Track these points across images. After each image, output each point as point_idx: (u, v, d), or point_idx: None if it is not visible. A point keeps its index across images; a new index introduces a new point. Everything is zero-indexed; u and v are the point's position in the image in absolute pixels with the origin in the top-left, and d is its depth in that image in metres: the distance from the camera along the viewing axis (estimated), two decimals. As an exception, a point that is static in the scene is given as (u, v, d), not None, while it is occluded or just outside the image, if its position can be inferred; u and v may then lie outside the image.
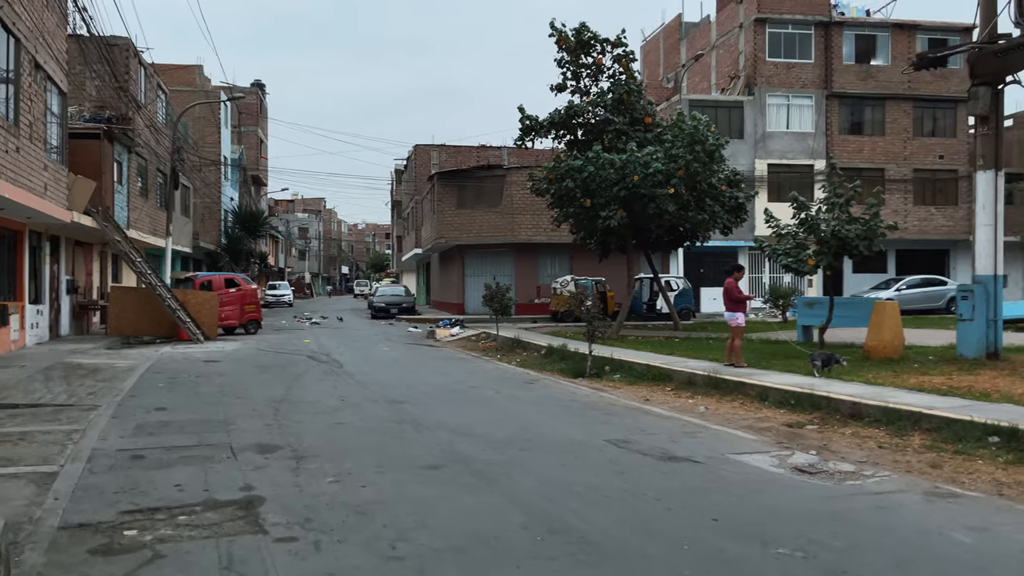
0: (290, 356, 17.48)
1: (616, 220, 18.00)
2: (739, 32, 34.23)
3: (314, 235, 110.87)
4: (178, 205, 32.67)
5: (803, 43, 33.33)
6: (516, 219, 32.12)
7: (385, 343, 21.47)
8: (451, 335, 22.60)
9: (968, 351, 12.72)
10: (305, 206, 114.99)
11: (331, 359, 16.81)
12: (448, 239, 33.05)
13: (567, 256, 33.57)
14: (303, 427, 8.99)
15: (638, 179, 17.45)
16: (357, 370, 14.78)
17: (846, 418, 9.36)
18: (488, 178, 32.86)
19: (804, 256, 14.34)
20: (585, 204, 18.30)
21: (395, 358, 17.23)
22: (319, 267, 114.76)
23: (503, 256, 33.49)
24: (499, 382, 13.25)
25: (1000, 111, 12.82)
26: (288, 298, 53.92)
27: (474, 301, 33.78)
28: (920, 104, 34.11)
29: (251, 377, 13.70)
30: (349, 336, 24.12)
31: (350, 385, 12.73)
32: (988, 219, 12.77)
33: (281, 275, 72.56)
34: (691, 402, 11.05)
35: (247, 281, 25.12)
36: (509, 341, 19.37)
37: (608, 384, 13.02)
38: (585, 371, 14.09)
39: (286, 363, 15.97)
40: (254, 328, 24.59)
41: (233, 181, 47.77)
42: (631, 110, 19.90)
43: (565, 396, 11.64)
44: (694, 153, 17.96)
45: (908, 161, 33.82)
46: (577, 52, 19.86)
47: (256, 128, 57.00)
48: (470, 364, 16.35)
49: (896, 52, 33.68)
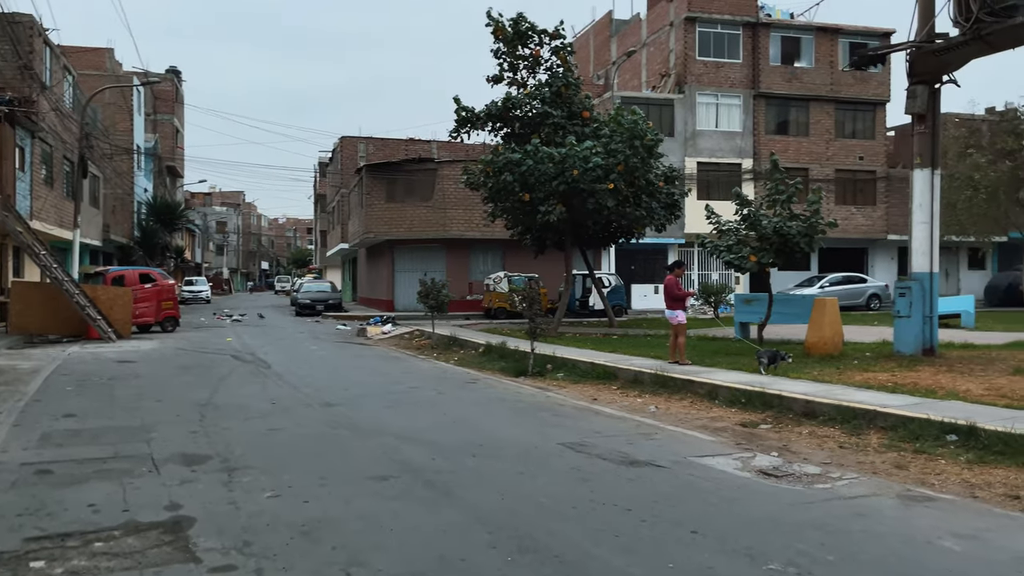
0: (213, 356, 16.48)
1: (555, 215, 17.64)
2: (670, 30, 34.45)
3: (233, 229, 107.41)
4: (87, 195, 30.77)
5: (732, 43, 33.78)
6: (448, 214, 31.50)
7: (313, 341, 20.58)
8: (383, 333, 21.87)
9: (905, 348, 12.86)
10: (223, 199, 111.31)
11: (257, 359, 15.91)
12: (377, 233, 32.17)
13: (500, 252, 33.16)
14: (233, 434, 8.26)
15: (578, 174, 17.13)
16: (286, 370, 13.97)
17: (800, 417, 9.21)
18: (419, 171, 32.12)
19: (746, 253, 14.28)
20: (523, 199, 17.88)
21: (325, 357, 16.45)
22: (238, 262, 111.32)
23: (434, 251, 32.83)
24: (439, 382, 12.70)
25: (937, 110, 12.99)
26: (206, 294, 51.83)
27: (405, 297, 33.05)
28: (842, 106, 35.07)
29: (171, 378, 12.75)
30: (274, 334, 23.09)
31: (280, 387, 11.97)
32: (925, 217, 12.93)
33: (198, 270, 69.86)
34: (640, 401, 10.75)
35: (163, 276, 23.75)
36: (445, 339, 18.80)
37: (552, 383, 12.63)
38: (527, 370, 13.69)
39: (209, 363, 15.01)
40: (171, 326, 23.27)
41: (147, 171, 45.53)
42: (569, 104, 19.61)
43: (510, 396, 11.18)
44: (633, 148, 17.77)
45: (830, 161, 34.72)
46: (514, 43, 19.43)
47: (172, 116, 54.53)
48: (406, 363, 15.73)
49: (819, 55, 34.51)
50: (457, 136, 20.48)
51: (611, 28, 40.86)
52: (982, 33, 11.55)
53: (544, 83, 19.30)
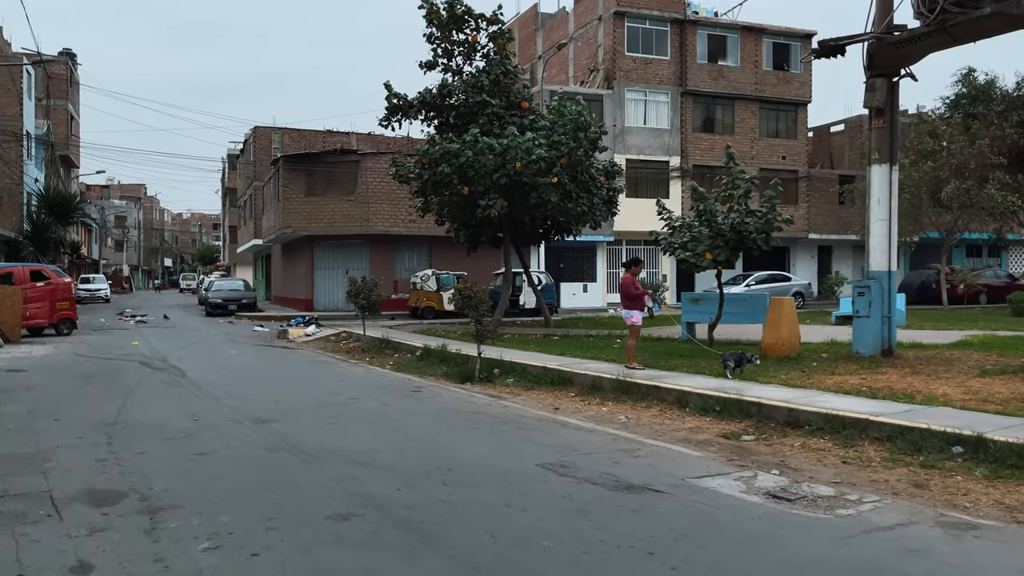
0: (118, 363, 14.80)
1: (497, 209, 16.67)
2: (598, 24, 33.98)
3: (133, 224, 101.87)
4: (-31, 184, 27.90)
5: (660, 39, 33.58)
6: (372, 208, 30.09)
7: (230, 345, 18.98)
8: (307, 335, 20.42)
9: (865, 348, 12.51)
10: (123, 192, 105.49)
11: (170, 365, 14.34)
12: (296, 229, 30.45)
13: (426, 249, 31.98)
14: (151, 461, 6.98)
15: (520, 166, 16.24)
16: (204, 379, 12.54)
17: (783, 426, 8.57)
18: (341, 163, 30.56)
19: (701, 250, 13.69)
20: (462, 192, 16.83)
21: (247, 363, 15.01)
22: (139, 259, 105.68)
23: (357, 248, 31.35)
24: (381, 391, 11.56)
25: (895, 104, 12.70)
26: (105, 293, 48.56)
27: (325, 296, 31.47)
28: (765, 106, 35.40)
29: (70, 391, 11.17)
30: (185, 337, 21.28)
31: (201, 399, 10.60)
32: (883, 214, 12.61)
33: (96, 268, 65.62)
34: (605, 410, 9.93)
35: (58, 274, 21.56)
36: (377, 341, 17.59)
37: (504, 390, 11.69)
38: (474, 375, 12.70)
39: (114, 371, 13.39)
40: (68, 328, 21.14)
41: (38, 160, 42.10)
42: (507, 93, 18.70)
43: (464, 407, 10.18)
44: (577, 140, 17.00)
45: (755, 160, 34.96)
46: (449, 27, 18.38)
47: (66, 102, 50.74)
48: (338, 369, 14.47)
49: (744, 54, 34.72)
50: (388, 125, 19.26)
51: (537, 21, 40.16)
52: (947, 24, 11.23)
53: (482, 70, 18.32)
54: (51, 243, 38.30)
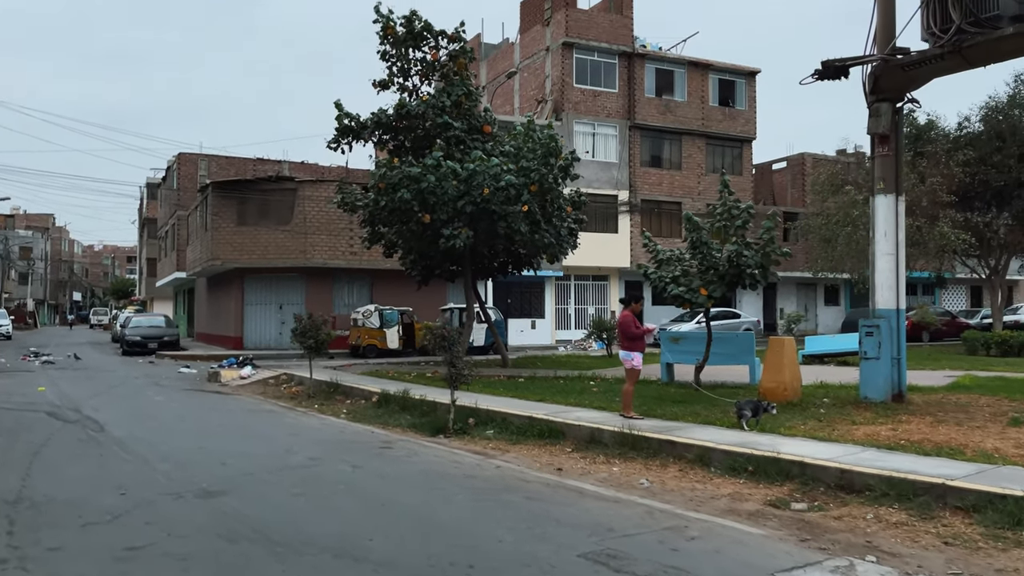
0: (21, 414, 12.60)
1: (462, 239, 15.23)
2: (546, 55, 33.23)
3: (40, 256, 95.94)
4: None
5: (608, 72, 33.03)
6: (310, 239, 28.17)
7: (155, 390, 16.81)
8: (242, 377, 18.38)
9: (874, 393, 11.53)
10: (29, 222, 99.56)
11: (84, 417, 12.26)
12: (225, 260, 28.22)
13: (367, 283, 30.17)
14: (68, 563, 5.22)
15: (488, 192, 14.89)
16: (129, 434, 10.59)
17: (835, 490, 7.37)
18: (276, 191, 28.58)
19: (696, 285, 12.54)
20: (423, 220, 15.32)
21: (180, 413, 13.01)
22: (45, 293, 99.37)
23: (292, 281, 29.29)
24: (345, 448, 9.88)
25: (899, 130, 11.93)
26: (6, 329, 44.63)
27: (256, 334, 29.24)
28: (712, 141, 35.18)
29: (-41, 455, 9.09)
30: (101, 380, 18.92)
31: (127, 462, 8.72)
32: (889, 247, 11.74)
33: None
34: (617, 471, 8.54)
35: (-47, 309, 18.96)
36: (324, 385, 15.79)
37: (488, 445, 10.18)
38: (447, 426, 11.16)
39: (16, 426, 11.26)
40: (-38, 371, 18.55)
41: (-66, 184, 38.49)
42: (468, 116, 17.41)
43: (451, 469, 8.61)
44: (548, 166, 15.79)
45: (702, 196, 34.61)
46: (407, 44, 17.02)
47: (-32, 123, 47.04)
48: (287, 419, 12.65)
49: (691, 88, 34.50)
50: (337, 147, 17.69)
51: (480, 52, 39.22)
52: (962, 46, 10.51)
53: (442, 91, 16.99)
54: (-54, 274, 34.74)
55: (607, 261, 32.88)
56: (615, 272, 34.12)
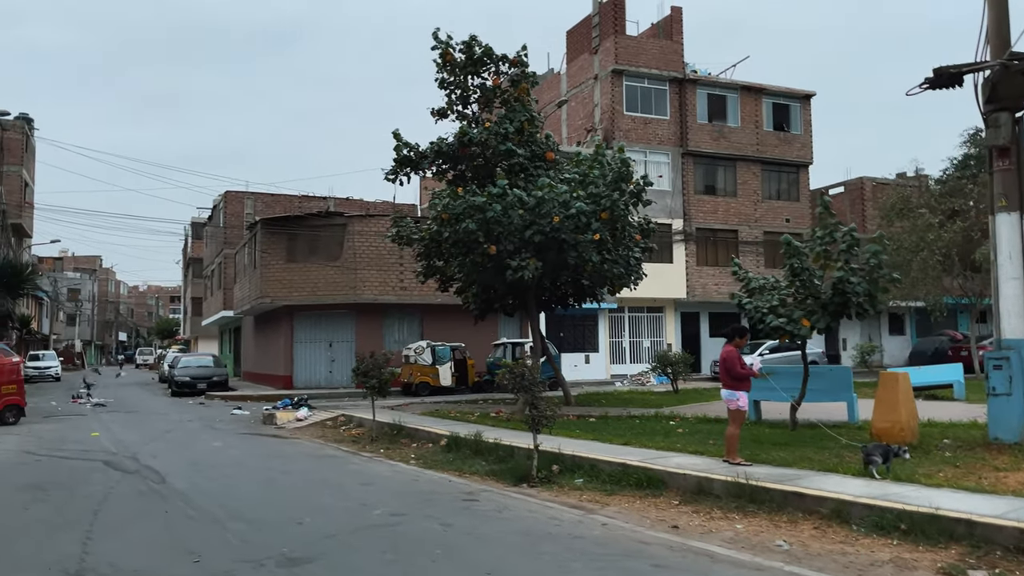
0: (76, 463, 11.94)
1: (531, 271, 14.40)
2: (594, 84, 32.64)
3: (87, 297, 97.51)
4: (-94, 252, 24.87)
5: (659, 99, 32.31)
6: (360, 275, 27.63)
7: (210, 434, 16.12)
8: (298, 419, 17.64)
9: (1007, 434, 10.32)
10: (77, 264, 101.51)
11: (142, 466, 11.55)
12: (274, 298, 27.79)
13: (417, 318, 29.49)
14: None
15: (559, 220, 14.07)
16: (192, 486, 9.82)
17: (1015, 553, 6.28)
18: (325, 227, 28.18)
19: (798, 316, 11.50)
20: (489, 251, 14.54)
21: (240, 460, 12.25)
22: (92, 334, 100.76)
23: (342, 318, 28.73)
24: (425, 502, 8.97)
25: (1022, 142, 10.84)
26: (55, 371, 44.72)
27: (305, 372, 28.66)
28: (767, 167, 34.14)
29: (16, 513, 8.37)
30: (154, 424, 18.33)
31: (194, 521, 7.92)
32: (1015, 271, 10.60)
33: (46, 343, 61.54)
34: (742, 529, 7.51)
35: (5, 352, 18.58)
36: (387, 427, 14.96)
37: (582, 497, 9.20)
38: (531, 474, 10.21)
39: (72, 478, 10.58)
40: (14, 416, 18.05)
41: (-13, 228, 38.98)
42: (531, 143, 16.71)
43: (552, 528, 7.65)
44: (620, 192, 14.95)
45: (759, 223, 33.52)
46: (467, 71, 16.42)
47: (20, 168, 47.85)
48: (354, 466, 11.81)
49: (744, 114, 33.60)
50: (395, 179, 17.11)
51: (524, 83, 38.83)
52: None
53: (504, 117, 16.32)
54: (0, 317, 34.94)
55: (662, 292, 31.79)
56: (670, 303, 33.04)
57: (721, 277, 33.00)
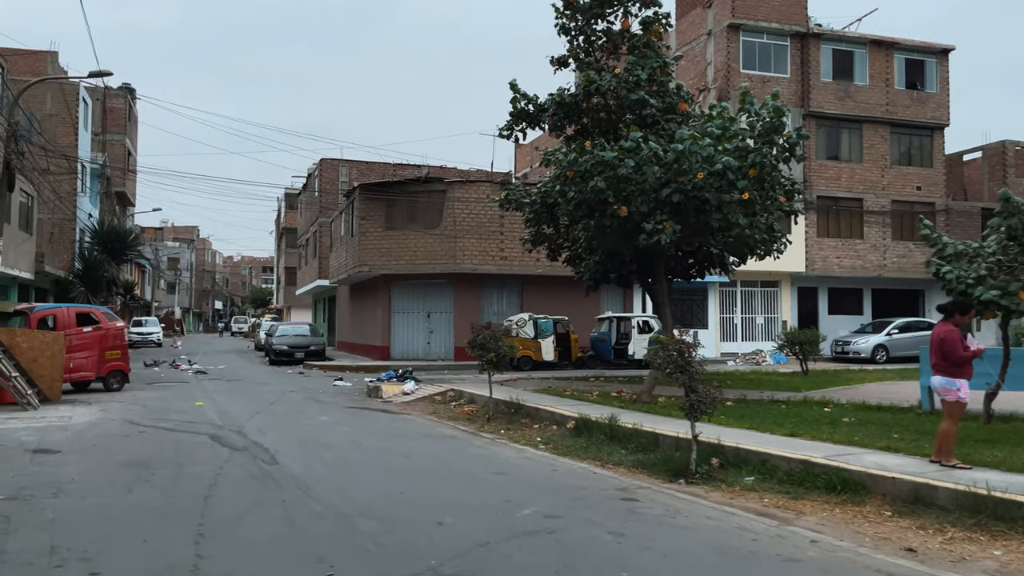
0: (181, 436, 11.11)
1: (668, 235, 12.80)
2: (707, 40, 30.36)
3: (185, 266, 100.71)
4: (15, 216, 25.07)
5: (779, 55, 29.81)
6: (459, 243, 26.50)
7: (315, 406, 15.24)
8: (404, 393, 16.63)
9: None
10: (177, 235, 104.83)
11: (251, 442, 10.61)
12: (372, 267, 26.97)
13: (517, 289, 28.23)
14: None
15: (703, 177, 12.40)
16: (307, 470, 8.74)
17: None
18: (424, 193, 27.12)
19: (1015, 288, 9.56)
20: (620, 213, 12.99)
21: (354, 439, 11.19)
22: (190, 302, 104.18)
23: (440, 288, 27.72)
24: (577, 501, 7.60)
25: None
26: (157, 337, 45.65)
27: (404, 343, 27.83)
28: (897, 130, 31.21)
29: (120, 498, 7.41)
30: (256, 394, 17.64)
31: (318, 516, 6.77)
32: None
33: (148, 310, 63.36)
34: (1005, 558, 5.85)
35: (109, 317, 18.19)
36: (503, 405, 13.71)
37: (762, 500, 7.68)
38: (689, 468, 8.72)
39: (179, 454, 9.68)
40: (118, 383, 17.68)
41: (93, 194, 39.69)
42: (663, 93, 15.02)
43: (748, 544, 6.15)
44: (772, 145, 13.14)
45: (886, 191, 30.75)
46: (592, 12, 14.80)
47: (123, 137, 48.74)
48: (478, 449, 10.56)
49: (873, 71, 30.72)
50: (510, 135, 15.71)
51: (627, 43, 36.71)
52: None
53: (635, 63, 14.65)
54: (103, 282, 35.47)
55: (778, 265, 29.43)
56: (786, 277, 30.75)
57: (843, 249, 30.48)
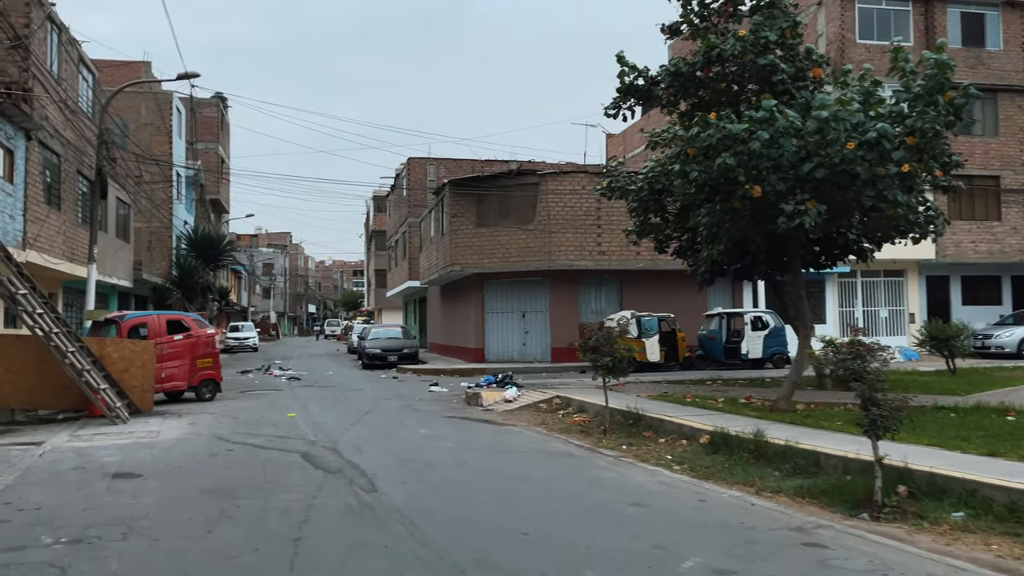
0: (271, 456, 10.07)
1: (812, 217, 11.02)
2: (818, 9, 27.98)
3: (279, 271, 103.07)
4: (111, 225, 25.09)
5: (900, 21, 27.17)
6: (554, 239, 25.08)
7: (413, 417, 14.09)
8: (506, 400, 15.33)
9: None
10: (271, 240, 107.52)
11: (346, 462, 9.46)
12: (464, 266, 25.87)
13: (615, 285, 26.62)
14: None
15: (853, 147, 10.57)
16: (410, 499, 7.48)
17: None
18: (516, 187, 25.82)
19: None
20: (753, 193, 11.28)
21: (459, 457, 9.90)
22: (285, 306, 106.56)
23: (534, 286, 26.38)
24: (748, 547, 6.04)
25: None
26: (253, 341, 46.09)
27: (497, 345, 26.63)
28: (1037, 98, 28.02)
29: (193, 540, 6.29)
30: (350, 403, 16.68)
31: (426, 567, 5.46)
32: None
33: (244, 315, 64.53)
34: None
35: (200, 323, 17.59)
36: (620, 415, 12.20)
37: (996, 548, 5.94)
38: (873, 499, 7.04)
39: (265, 479, 8.59)
40: (210, 392, 17.04)
41: (188, 202, 40.17)
42: (794, 57, 13.21)
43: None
44: (937, 108, 11.17)
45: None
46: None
47: (216, 145, 49.52)
48: (604, 472, 9.08)
49: (1008, 34, 27.67)
50: (617, 113, 14.18)
51: (725, 22, 34.48)
52: None
53: (761, 23, 12.90)
54: (199, 288, 35.71)
55: (904, 252, 26.72)
56: (913, 266, 28.05)
57: (979, 233, 27.56)
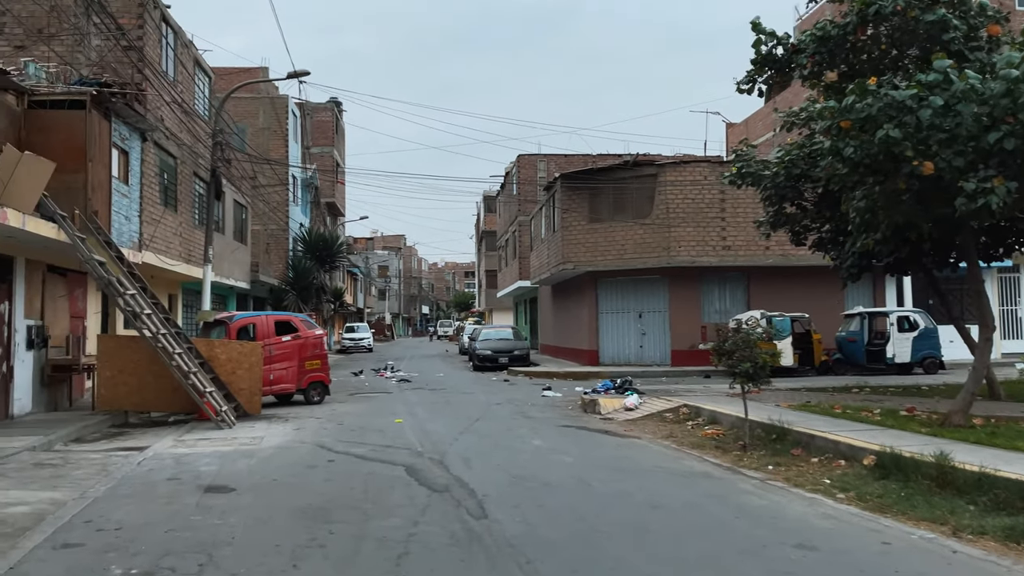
0: (373, 469, 9.23)
1: (1000, 196, 9.23)
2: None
3: (394, 273, 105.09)
4: (229, 227, 25.40)
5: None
6: (673, 233, 23.55)
7: (526, 426, 13.03)
8: (627, 408, 14.05)
9: None
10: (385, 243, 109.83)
11: (453, 479, 8.49)
12: (577, 263, 24.71)
13: (741, 283, 24.79)
14: None
15: (1053, 113, 8.73)
16: (526, 531, 6.39)
17: None
18: (632, 180, 24.44)
19: None
20: (924, 171, 9.58)
21: (578, 475, 8.74)
22: (399, 307, 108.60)
23: (652, 285, 24.91)
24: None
25: None
26: (368, 342, 46.54)
27: (612, 347, 25.31)
28: None
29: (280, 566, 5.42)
30: (460, 408, 15.84)
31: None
32: None
33: (360, 316, 65.67)
34: None
35: (308, 324, 17.19)
36: (761, 428, 10.73)
37: None
38: (1125, 552, 5.37)
39: (365, 497, 7.72)
40: (319, 395, 16.62)
41: (304, 204, 40.83)
42: (965, 14, 11.34)
43: None
44: None
45: None
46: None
47: (332, 149, 50.32)
48: (752, 499, 7.71)
49: None
50: (751, 87, 12.67)
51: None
52: None
53: (926, -24, 11.10)
54: (313, 289, 36.10)
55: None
56: (1088, 257, 24.76)
57: None
